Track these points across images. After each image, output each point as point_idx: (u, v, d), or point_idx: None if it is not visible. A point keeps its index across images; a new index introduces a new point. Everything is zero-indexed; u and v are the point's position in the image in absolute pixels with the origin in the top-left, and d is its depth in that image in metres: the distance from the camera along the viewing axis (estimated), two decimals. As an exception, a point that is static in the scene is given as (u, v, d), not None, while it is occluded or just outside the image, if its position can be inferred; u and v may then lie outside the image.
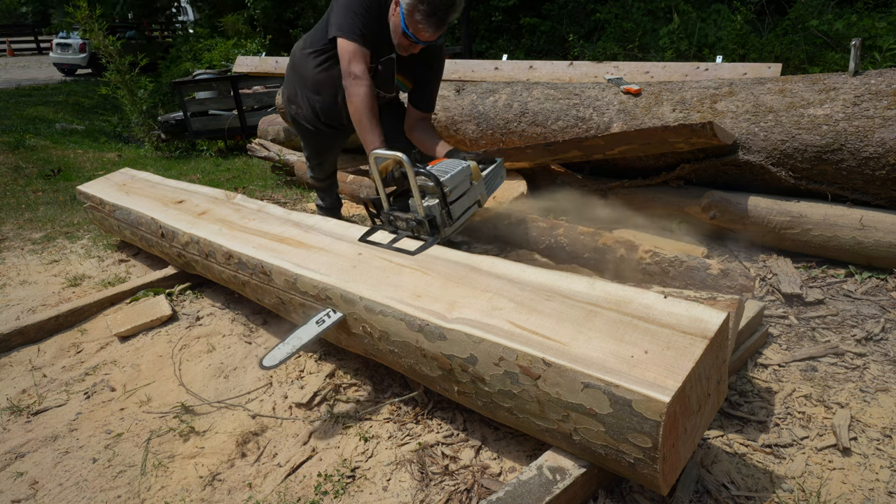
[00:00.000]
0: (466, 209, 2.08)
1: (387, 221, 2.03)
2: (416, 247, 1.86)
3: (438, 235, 1.91)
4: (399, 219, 1.98)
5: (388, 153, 1.90)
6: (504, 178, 2.39)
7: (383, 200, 2.00)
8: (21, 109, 10.80)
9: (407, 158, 1.82)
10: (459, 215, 2.02)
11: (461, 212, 2.03)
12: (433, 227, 1.90)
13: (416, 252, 1.83)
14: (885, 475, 1.46)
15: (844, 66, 5.18)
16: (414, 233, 1.95)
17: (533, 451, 1.59)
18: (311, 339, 1.70)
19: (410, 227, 1.95)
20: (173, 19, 18.38)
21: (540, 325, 1.38)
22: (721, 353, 1.34)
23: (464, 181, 2.04)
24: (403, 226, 1.98)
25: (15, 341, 2.41)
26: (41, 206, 4.55)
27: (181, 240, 2.48)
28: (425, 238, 1.91)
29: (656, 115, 2.79)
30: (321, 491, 1.54)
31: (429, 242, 1.88)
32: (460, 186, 2.01)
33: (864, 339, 2.03)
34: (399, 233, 1.99)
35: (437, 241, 1.89)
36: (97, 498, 1.59)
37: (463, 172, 2.03)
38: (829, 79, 2.55)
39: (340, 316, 1.73)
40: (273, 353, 1.68)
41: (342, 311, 1.77)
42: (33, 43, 24.20)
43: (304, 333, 1.73)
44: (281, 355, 1.67)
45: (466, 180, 2.06)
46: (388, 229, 2.04)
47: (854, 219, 2.39)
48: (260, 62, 6.35)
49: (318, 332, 1.72)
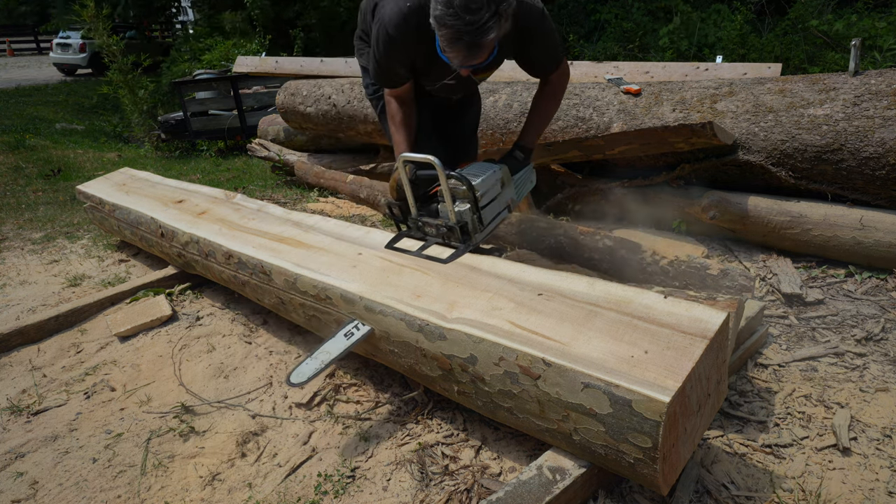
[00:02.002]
0: (497, 214, 1.98)
1: (415, 227, 1.93)
2: (447, 255, 1.77)
3: (470, 242, 1.82)
4: (428, 225, 1.89)
5: (419, 156, 1.76)
6: (534, 182, 2.26)
7: (411, 206, 1.89)
8: (21, 109, 10.79)
9: (439, 161, 1.71)
10: (490, 220, 1.92)
11: (492, 217, 1.93)
12: (465, 233, 1.80)
13: (448, 260, 1.74)
14: (885, 475, 1.46)
15: (844, 66, 5.18)
16: (444, 239, 1.86)
17: (533, 451, 1.59)
18: (340, 353, 1.61)
19: (441, 234, 1.86)
20: (173, 19, 18.38)
21: (540, 325, 1.38)
22: (721, 353, 1.34)
23: (495, 185, 1.93)
24: (433, 232, 1.88)
25: (15, 341, 2.41)
26: (41, 206, 4.55)
27: (181, 239, 2.48)
28: (456, 245, 1.82)
29: (656, 115, 2.79)
30: (321, 491, 1.54)
31: (461, 250, 1.79)
32: (491, 191, 1.91)
33: (864, 339, 2.03)
34: (428, 239, 1.90)
35: (469, 249, 1.80)
36: (97, 498, 1.59)
37: (494, 176, 1.93)
38: (829, 79, 2.55)
39: (369, 329, 1.66)
40: (300, 368, 1.59)
41: (344, 310, 1.77)
42: (33, 43, 24.20)
43: (332, 347, 1.64)
44: (309, 371, 1.58)
45: (497, 184, 1.95)
46: (415, 236, 1.94)
47: (854, 219, 2.39)
48: (260, 62, 6.35)
49: (347, 345, 1.63)
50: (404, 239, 1.94)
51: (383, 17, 1.85)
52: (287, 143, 5.08)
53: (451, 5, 1.53)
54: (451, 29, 1.56)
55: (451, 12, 1.54)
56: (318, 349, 1.64)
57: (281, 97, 4.38)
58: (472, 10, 1.53)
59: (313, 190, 4.49)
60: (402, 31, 1.82)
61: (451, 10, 1.53)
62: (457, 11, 1.53)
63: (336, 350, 1.62)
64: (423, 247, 1.86)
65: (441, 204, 1.86)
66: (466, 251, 1.79)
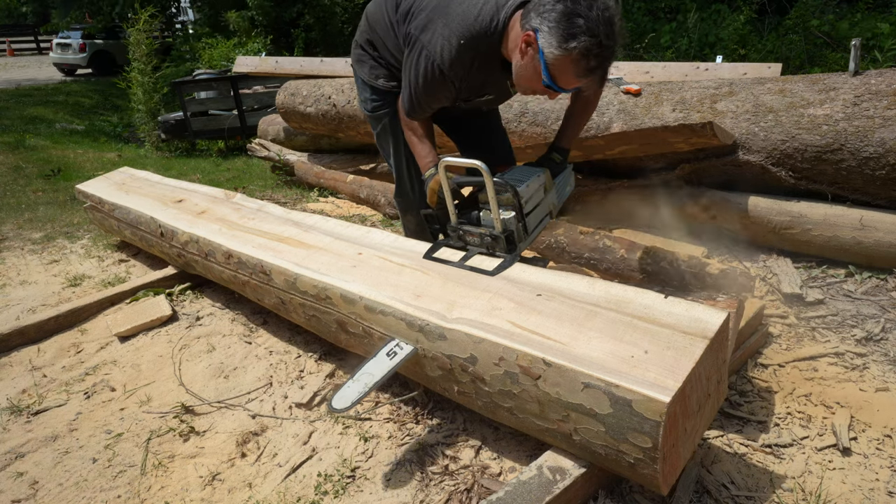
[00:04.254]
0: (540, 221, 1.87)
1: (456, 236, 1.81)
2: (493, 266, 1.66)
3: (516, 252, 1.71)
4: (470, 234, 1.77)
5: (464, 161, 1.63)
6: (573, 186, 2.14)
7: (451, 213, 1.77)
8: (21, 109, 10.79)
9: (486, 167, 1.59)
10: (534, 228, 1.82)
11: (535, 224, 1.83)
12: (510, 242, 1.69)
13: (495, 272, 1.64)
14: (885, 475, 1.46)
15: (844, 66, 5.18)
16: (488, 249, 1.75)
17: (533, 451, 1.59)
18: (384, 375, 1.51)
19: (485, 244, 1.74)
20: (174, 19, 18.39)
21: (540, 325, 1.38)
22: (721, 353, 1.34)
23: (538, 190, 1.83)
24: (476, 241, 1.76)
25: (15, 341, 2.41)
26: (41, 206, 4.55)
27: (181, 239, 2.48)
28: (501, 255, 1.71)
29: (656, 115, 2.78)
30: (321, 491, 1.54)
31: (507, 261, 1.68)
32: (535, 196, 1.81)
33: (864, 339, 2.03)
34: (469, 249, 1.78)
35: (516, 260, 1.68)
36: (97, 498, 1.59)
37: (538, 181, 1.82)
38: (829, 79, 2.55)
39: (412, 349, 1.56)
40: (342, 392, 1.49)
41: (344, 310, 1.77)
42: (33, 43, 24.19)
43: (375, 368, 1.54)
44: (352, 395, 1.47)
45: (541, 189, 1.85)
46: (455, 245, 1.82)
47: (854, 219, 2.39)
48: (260, 62, 6.35)
49: (391, 366, 1.53)
50: (443, 248, 1.83)
51: (433, 52, 1.68)
52: (287, 143, 5.08)
53: (608, 39, 1.45)
54: (599, 59, 1.47)
55: (607, 47, 1.46)
56: (360, 370, 1.54)
57: (281, 97, 4.38)
58: (618, 41, 1.49)
59: (313, 190, 4.49)
60: (456, 70, 1.69)
61: (606, 45, 1.46)
62: (612, 45, 1.47)
63: (380, 371, 1.52)
64: (465, 257, 1.75)
65: (484, 211, 1.75)
66: (514, 262, 1.67)
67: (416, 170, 2.06)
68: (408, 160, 2.11)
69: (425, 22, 1.72)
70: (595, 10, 1.43)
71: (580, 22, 1.42)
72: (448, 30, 1.66)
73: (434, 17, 1.70)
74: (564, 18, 1.43)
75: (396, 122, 2.02)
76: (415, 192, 2.17)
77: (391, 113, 2.05)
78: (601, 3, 1.45)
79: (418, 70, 1.73)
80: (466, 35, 1.63)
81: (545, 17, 1.46)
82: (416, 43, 1.73)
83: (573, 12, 1.43)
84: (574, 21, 1.43)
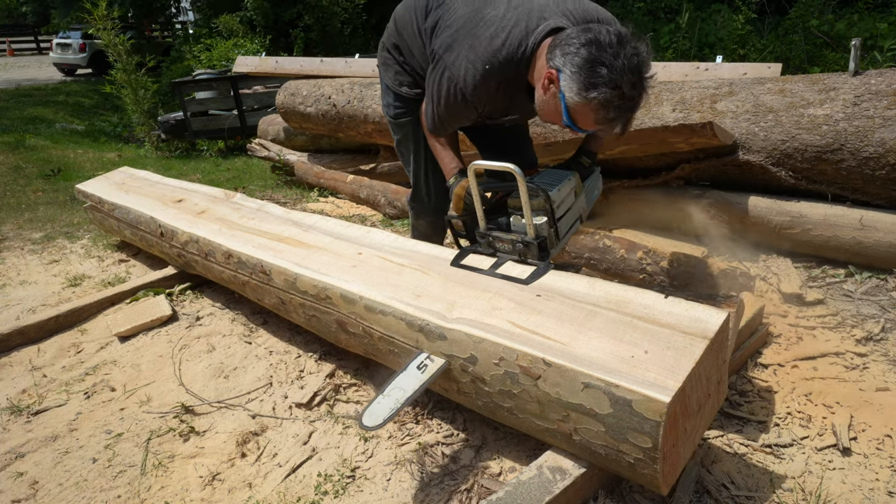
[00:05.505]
0: (570, 227, 1.80)
1: (485, 243, 1.74)
2: (526, 274, 1.60)
3: (549, 260, 1.65)
4: (499, 240, 1.70)
5: (496, 164, 1.56)
6: (601, 189, 2.07)
7: (480, 219, 1.70)
8: (21, 109, 10.79)
9: (519, 170, 1.51)
10: (564, 234, 1.75)
11: (566, 229, 1.76)
12: (542, 249, 1.63)
13: (529, 281, 1.57)
14: (885, 475, 1.46)
15: (844, 66, 5.18)
16: (520, 256, 1.68)
17: (533, 451, 1.59)
18: (416, 390, 1.45)
19: (517, 251, 1.68)
20: (173, 19, 18.39)
21: (540, 325, 1.38)
22: (721, 353, 1.34)
23: (569, 195, 1.76)
24: (508, 248, 1.69)
25: (15, 341, 2.41)
26: (41, 206, 4.55)
27: (180, 239, 2.48)
28: (534, 262, 1.65)
29: (656, 115, 2.78)
30: (321, 491, 1.54)
31: (541, 268, 1.61)
32: (567, 201, 1.74)
33: (864, 339, 2.03)
34: (499, 256, 1.72)
35: (550, 267, 1.62)
36: (97, 498, 1.59)
37: (569, 185, 1.75)
38: (829, 79, 2.55)
39: (444, 362, 1.50)
40: (373, 408, 1.42)
41: (344, 310, 1.77)
42: (33, 43, 24.19)
43: (406, 383, 1.47)
44: (384, 412, 1.40)
45: (571, 193, 1.78)
46: (484, 252, 1.75)
47: (854, 219, 2.39)
48: (260, 62, 6.35)
49: (423, 381, 1.46)
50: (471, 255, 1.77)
51: (456, 74, 1.63)
52: (287, 143, 5.08)
53: (632, 89, 1.40)
54: (620, 110, 1.42)
55: (630, 97, 1.41)
56: (390, 385, 1.47)
57: (281, 97, 4.38)
58: (645, 90, 1.44)
59: (313, 190, 4.50)
60: (479, 95, 1.65)
61: (629, 97, 1.40)
62: (635, 96, 1.42)
63: (411, 387, 1.46)
64: (495, 264, 1.68)
65: (514, 217, 1.68)
66: (548, 269, 1.61)
67: (435, 177, 2.05)
68: (426, 167, 2.08)
69: (450, 41, 1.66)
70: (621, 59, 1.36)
71: (603, 72, 1.36)
72: (473, 53, 1.60)
73: (459, 37, 1.64)
74: (587, 66, 1.37)
75: (419, 129, 1.98)
76: (430, 199, 2.15)
77: (414, 121, 2.00)
78: (630, 50, 1.38)
79: (440, 90, 1.70)
80: (493, 61, 1.58)
81: (569, 60, 1.40)
82: (440, 62, 1.68)
83: (597, 60, 1.36)
84: (597, 70, 1.36)
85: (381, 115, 3.62)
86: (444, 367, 1.49)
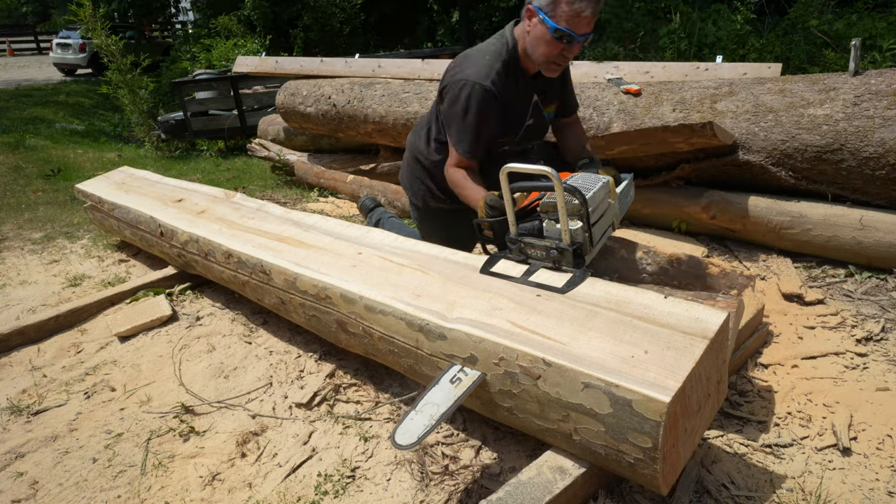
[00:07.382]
0: (604, 232, 1.75)
1: (516, 249, 1.68)
2: (562, 283, 1.54)
3: (584, 266, 1.59)
4: (532, 246, 1.64)
5: (531, 167, 1.51)
6: (633, 196, 2.03)
7: (511, 224, 1.64)
8: (21, 109, 10.79)
9: (555, 172, 1.47)
10: (598, 239, 1.69)
11: (600, 235, 1.71)
12: (577, 256, 1.57)
13: (565, 290, 1.51)
14: (885, 475, 1.46)
15: (844, 66, 5.18)
16: (554, 263, 1.61)
17: (533, 451, 1.59)
18: (451, 405, 1.38)
19: (551, 257, 1.61)
20: (172, 19, 18.40)
21: (540, 324, 1.38)
22: (721, 353, 1.34)
23: (604, 199, 1.71)
24: (541, 255, 1.63)
25: (15, 341, 2.41)
26: (41, 206, 4.55)
27: (180, 238, 2.48)
28: (569, 270, 1.59)
29: (656, 115, 2.78)
30: (321, 491, 1.54)
31: (577, 276, 1.55)
32: (601, 205, 1.69)
33: (864, 339, 2.03)
34: (531, 262, 1.66)
35: (587, 275, 1.56)
36: (97, 498, 1.59)
37: (604, 189, 1.71)
38: (829, 79, 2.55)
39: (480, 375, 1.42)
40: (406, 425, 1.35)
41: (344, 310, 1.77)
42: (33, 43, 24.18)
43: (439, 398, 1.40)
44: (418, 429, 1.33)
45: (606, 198, 1.74)
46: (515, 258, 1.69)
47: (854, 219, 2.39)
48: (260, 62, 6.34)
49: (458, 395, 1.39)
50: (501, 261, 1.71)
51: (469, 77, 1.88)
52: (287, 143, 5.08)
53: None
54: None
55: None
56: (422, 401, 1.40)
57: (281, 97, 4.38)
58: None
59: (313, 190, 4.50)
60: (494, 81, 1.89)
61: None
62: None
63: (445, 402, 1.39)
64: (527, 272, 1.63)
65: (548, 222, 1.63)
66: (585, 277, 1.55)
67: None
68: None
69: (453, 72, 1.97)
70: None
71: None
72: (474, 60, 1.94)
73: (457, 63, 1.99)
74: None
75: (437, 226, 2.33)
76: None
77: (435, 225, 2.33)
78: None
79: (462, 101, 1.89)
80: (490, 53, 1.93)
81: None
82: (452, 86, 1.94)
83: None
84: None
85: (381, 115, 3.63)
86: (479, 379, 1.41)
